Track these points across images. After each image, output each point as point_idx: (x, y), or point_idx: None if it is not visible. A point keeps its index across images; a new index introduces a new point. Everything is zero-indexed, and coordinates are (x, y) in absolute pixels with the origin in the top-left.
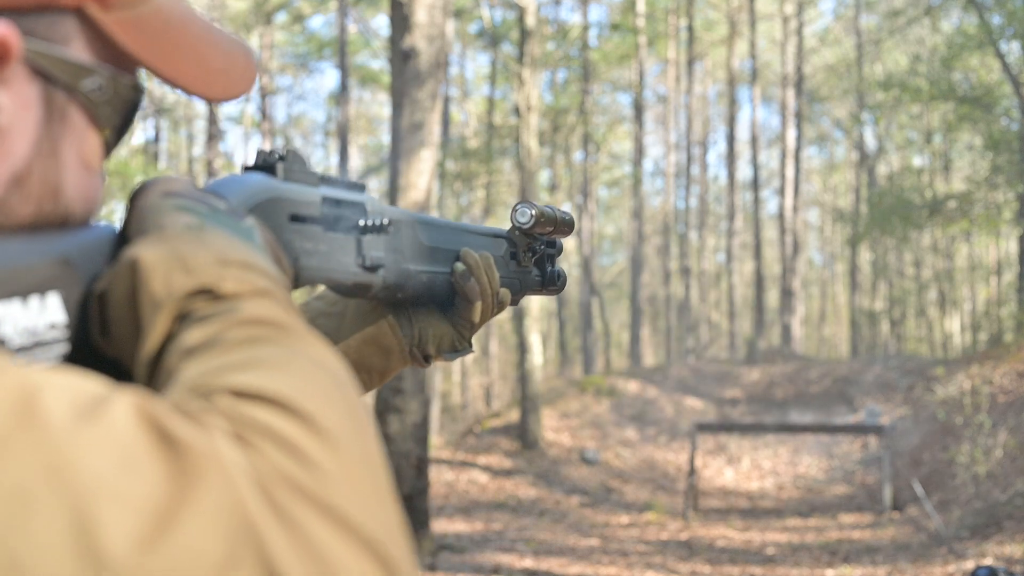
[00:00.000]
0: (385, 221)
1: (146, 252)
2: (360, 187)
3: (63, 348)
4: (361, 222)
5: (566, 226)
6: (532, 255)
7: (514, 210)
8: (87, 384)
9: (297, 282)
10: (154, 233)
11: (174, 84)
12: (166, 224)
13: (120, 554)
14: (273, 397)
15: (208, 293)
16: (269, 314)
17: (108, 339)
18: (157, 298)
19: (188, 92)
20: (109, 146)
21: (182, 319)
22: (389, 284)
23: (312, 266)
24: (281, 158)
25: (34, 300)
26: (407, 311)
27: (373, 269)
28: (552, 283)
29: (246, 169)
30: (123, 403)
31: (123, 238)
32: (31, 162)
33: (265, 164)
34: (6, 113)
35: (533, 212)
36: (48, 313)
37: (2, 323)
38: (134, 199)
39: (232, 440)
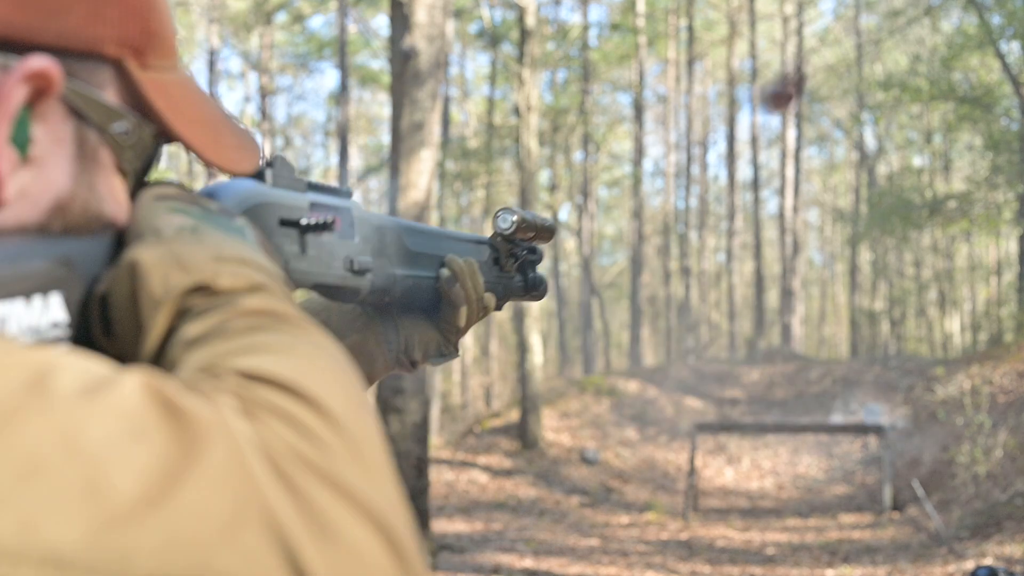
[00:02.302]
0: (330, 219)
1: (144, 253)
2: (347, 193)
3: (66, 346)
4: (303, 220)
5: (547, 232)
6: (514, 261)
7: (496, 216)
8: (98, 364)
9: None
10: (151, 235)
11: (189, 146)
12: (161, 226)
13: (130, 511)
14: (279, 379)
15: (206, 289)
16: (267, 305)
17: (111, 339)
18: (156, 296)
19: (202, 156)
20: (129, 191)
21: (181, 316)
22: (377, 288)
23: (301, 270)
24: (269, 164)
25: (37, 300)
26: (393, 316)
27: (361, 273)
28: (534, 288)
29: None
30: (132, 379)
31: (119, 242)
32: (75, 193)
33: (255, 172)
34: (40, 145)
35: (514, 218)
36: (50, 312)
37: (6, 321)
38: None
39: (240, 413)
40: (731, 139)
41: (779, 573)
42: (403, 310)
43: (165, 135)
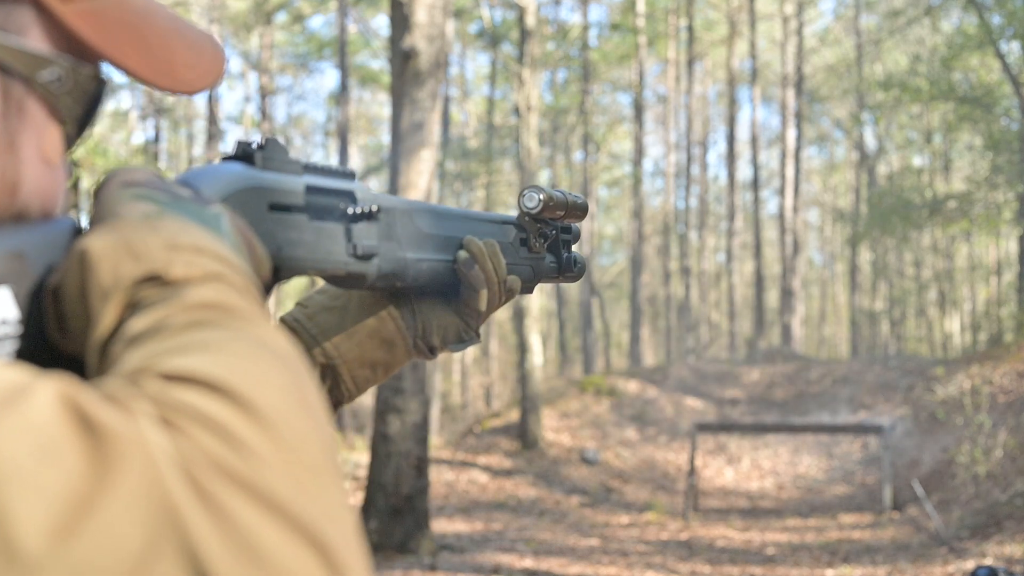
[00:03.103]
0: (375, 208)
1: (94, 242)
2: (350, 175)
3: (15, 345)
4: (350, 210)
5: (579, 210)
6: (544, 241)
7: (521, 195)
8: (8, 373)
9: (280, 273)
10: (108, 222)
11: (136, 77)
12: (122, 213)
13: (34, 546)
14: (204, 379)
15: (157, 279)
16: (218, 298)
17: (65, 335)
18: (105, 287)
19: (151, 85)
20: (71, 139)
21: (131, 308)
22: (385, 273)
23: (297, 256)
24: (260, 147)
25: None
26: (410, 302)
27: (366, 258)
28: (569, 269)
29: (225, 159)
30: (46, 391)
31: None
32: None
33: (243, 153)
34: None
35: (541, 196)
36: (3, 307)
37: None
38: (97, 191)
39: (158, 424)
40: (731, 139)
41: (779, 573)
42: (420, 294)
43: (98, 63)
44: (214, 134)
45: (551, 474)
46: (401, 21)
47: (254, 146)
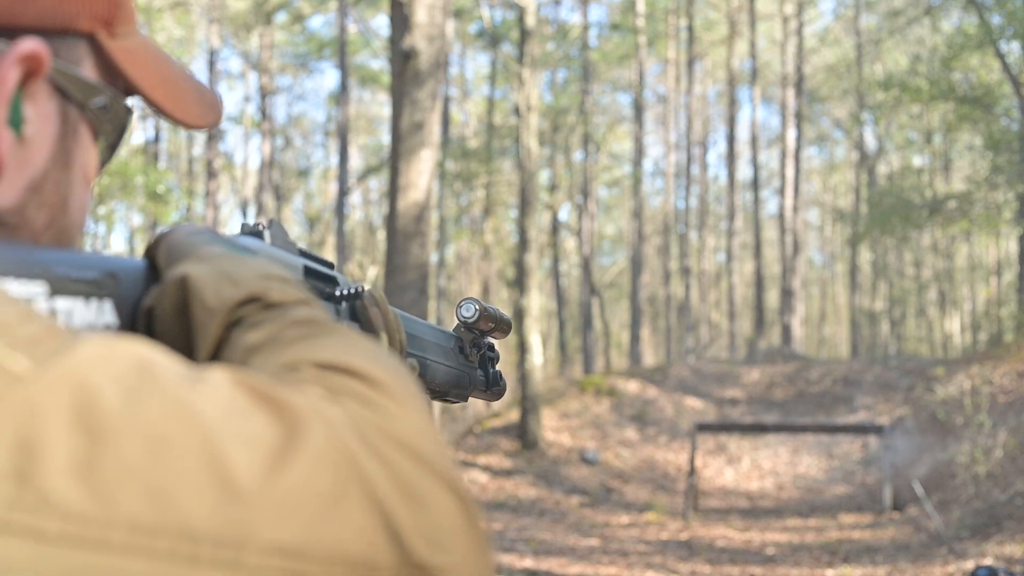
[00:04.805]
0: (360, 288)
1: (194, 269)
2: (330, 264)
3: None
4: (337, 291)
5: (506, 325)
6: (477, 351)
7: (459, 305)
8: (178, 360)
9: None
10: (194, 257)
11: (160, 109)
12: (203, 252)
13: (248, 483)
14: (346, 367)
15: (257, 302)
16: (317, 316)
17: None
18: (210, 307)
19: (172, 117)
20: (102, 162)
21: (232, 325)
22: None
23: None
24: (267, 225)
25: (94, 302)
26: None
27: None
28: (495, 384)
29: (238, 235)
30: (218, 372)
31: (151, 271)
32: (48, 172)
33: (253, 232)
34: (31, 125)
35: (477, 307)
36: (104, 315)
37: (73, 315)
38: (158, 242)
39: (327, 399)
40: (731, 139)
41: (779, 573)
42: None
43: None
44: (214, 134)
45: (551, 474)
46: (401, 21)
47: (261, 227)
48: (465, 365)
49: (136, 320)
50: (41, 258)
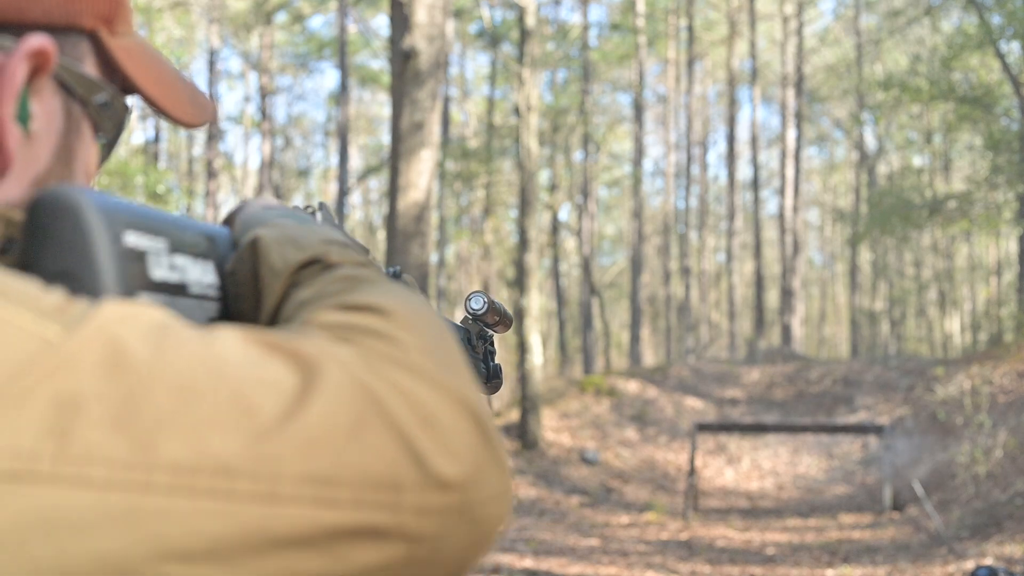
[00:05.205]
0: (400, 270)
1: (264, 232)
2: (366, 250)
3: (217, 307)
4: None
5: (509, 320)
6: (483, 343)
7: (468, 298)
8: (184, 324)
9: None
10: (267, 223)
11: (157, 106)
12: (274, 219)
13: (275, 422)
14: (366, 304)
15: (318, 263)
16: (362, 272)
17: (236, 308)
18: (276, 268)
19: (168, 115)
20: (101, 159)
21: (294, 285)
22: None
23: None
24: (317, 210)
25: (200, 262)
26: None
27: None
28: (495, 377)
29: None
30: (227, 330)
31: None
32: (51, 168)
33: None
34: (37, 121)
35: (485, 300)
36: (208, 275)
37: (187, 271)
38: (235, 213)
39: (337, 342)
40: (731, 139)
41: (779, 573)
42: None
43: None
44: (214, 134)
45: (551, 474)
46: (401, 21)
47: (312, 210)
48: (471, 356)
49: (224, 282)
50: (160, 215)
